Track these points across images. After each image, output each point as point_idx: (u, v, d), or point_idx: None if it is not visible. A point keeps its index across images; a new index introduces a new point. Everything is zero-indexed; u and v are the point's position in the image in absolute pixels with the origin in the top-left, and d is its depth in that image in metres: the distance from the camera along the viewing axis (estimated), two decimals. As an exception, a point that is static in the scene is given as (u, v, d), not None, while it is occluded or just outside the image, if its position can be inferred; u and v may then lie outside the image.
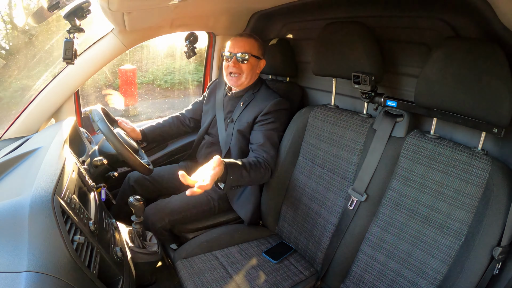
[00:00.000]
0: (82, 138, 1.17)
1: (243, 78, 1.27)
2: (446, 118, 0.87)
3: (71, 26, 1.01)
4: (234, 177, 1.04)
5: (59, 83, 1.26)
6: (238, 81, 1.28)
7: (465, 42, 0.78)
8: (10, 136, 1.21)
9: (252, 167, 1.13)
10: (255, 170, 1.13)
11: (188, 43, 1.61)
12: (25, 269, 0.53)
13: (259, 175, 1.16)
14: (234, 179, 1.04)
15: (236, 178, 1.04)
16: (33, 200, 0.62)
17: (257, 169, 1.15)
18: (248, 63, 1.25)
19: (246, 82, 1.29)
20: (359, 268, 1.01)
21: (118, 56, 1.37)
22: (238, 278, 1.05)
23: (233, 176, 1.03)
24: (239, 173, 1.06)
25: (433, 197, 0.86)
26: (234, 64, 1.25)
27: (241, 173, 1.07)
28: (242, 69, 1.26)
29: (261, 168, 1.17)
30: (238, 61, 1.25)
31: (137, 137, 1.40)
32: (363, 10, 1.16)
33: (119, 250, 0.83)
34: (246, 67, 1.25)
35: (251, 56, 1.25)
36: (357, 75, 1.00)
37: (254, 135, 1.26)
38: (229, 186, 1.04)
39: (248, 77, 1.28)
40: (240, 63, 1.25)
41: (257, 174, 1.14)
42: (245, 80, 1.28)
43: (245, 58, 1.24)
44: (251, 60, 1.25)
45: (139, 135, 1.41)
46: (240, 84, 1.29)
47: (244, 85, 1.31)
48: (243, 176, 1.07)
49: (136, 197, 0.93)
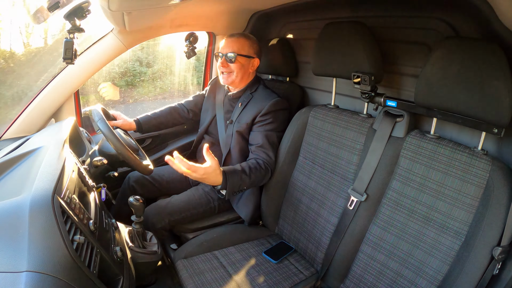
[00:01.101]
0: (82, 138, 1.17)
1: (233, 76, 1.28)
2: (446, 118, 0.87)
3: (71, 26, 1.01)
4: (235, 183, 1.07)
5: (59, 83, 1.26)
6: (228, 78, 1.29)
7: (465, 42, 0.78)
8: (10, 136, 1.21)
9: (252, 170, 1.14)
10: (255, 173, 1.15)
11: (188, 43, 1.61)
12: (25, 269, 0.53)
13: (260, 177, 1.18)
14: (234, 185, 1.08)
15: (236, 183, 1.08)
16: (33, 200, 0.62)
17: (257, 171, 1.16)
18: (237, 62, 1.26)
19: (237, 80, 1.30)
20: (359, 268, 1.01)
21: (118, 56, 1.37)
22: (238, 278, 1.05)
23: (234, 182, 1.07)
24: (239, 177, 1.09)
25: (433, 197, 0.86)
26: (222, 64, 1.28)
27: (241, 177, 1.10)
28: (231, 68, 1.27)
29: (261, 170, 1.18)
30: (227, 61, 1.27)
31: (131, 128, 1.39)
32: (363, 10, 1.16)
33: (119, 250, 0.83)
34: (235, 66, 1.27)
35: (239, 55, 1.26)
36: (357, 75, 1.00)
37: (253, 136, 1.26)
38: (231, 192, 1.08)
39: (239, 76, 1.29)
40: (228, 62, 1.27)
41: (257, 176, 1.16)
42: (236, 78, 1.29)
43: (233, 57, 1.26)
44: (240, 59, 1.26)
45: (133, 126, 1.40)
46: (231, 82, 1.30)
47: (237, 84, 1.32)
48: (243, 180, 1.11)
49: (136, 197, 0.93)
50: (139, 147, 1.24)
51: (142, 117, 1.46)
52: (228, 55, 1.26)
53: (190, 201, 1.30)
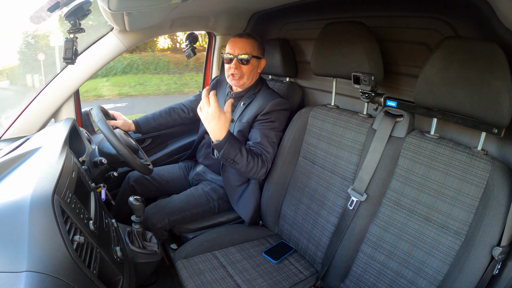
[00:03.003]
0: (82, 138, 1.17)
1: (244, 79, 1.27)
2: (446, 118, 0.87)
3: (71, 26, 1.01)
4: (232, 148, 1.05)
5: (59, 83, 1.26)
6: (240, 81, 1.27)
7: (465, 42, 0.78)
8: (10, 136, 1.21)
9: (251, 153, 1.14)
10: (253, 158, 1.14)
11: (188, 43, 1.61)
12: (25, 269, 0.53)
13: (255, 166, 1.16)
14: (231, 151, 1.06)
15: (233, 151, 1.06)
16: (33, 200, 0.62)
17: (255, 158, 1.15)
18: (250, 64, 1.24)
19: (248, 82, 1.29)
20: (359, 268, 1.01)
21: (118, 56, 1.38)
22: (238, 278, 1.05)
23: (232, 147, 1.05)
24: (238, 148, 1.08)
25: (433, 197, 0.86)
26: (235, 66, 1.23)
27: (240, 149, 1.09)
28: (244, 71, 1.24)
29: (258, 161, 1.16)
30: (239, 63, 1.23)
31: (130, 130, 1.39)
32: (363, 10, 1.16)
33: (119, 250, 0.83)
34: (247, 68, 1.24)
35: (252, 57, 1.24)
36: (357, 75, 1.00)
37: (252, 133, 1.25)
38: (225, 156, 1.06)
39: (250, 78, 1.28)
40: (241, 64, 1.24)
41: (254, 162, 1.14)
42: (246, 80, 1.28)
43: (247, 59, 1.23)
44: (252, 61, 1.25)
45: (132, 127, 1.40)
46: (242, 85, 1.29)
47: (246, 85, 1.31)
48: (241, 153, 1.09)
49: (136, 197, 0.93)
50: (139, 147, 1.24)
51: (141, 118, 1.45)
52: (241, 57, 1.22)
53: (189, 201, 1.30)
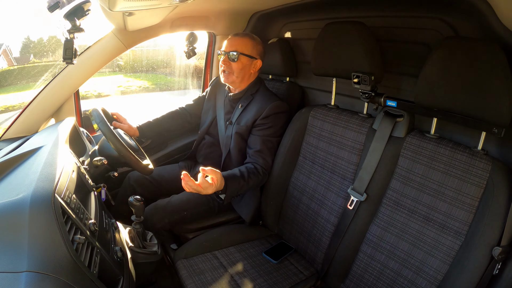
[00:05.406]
0: (82, 138, 1.17)
1: (233, 76, 1.27)
2: (446, 118, 0.87)
3: (71, 26, 1.01)
4: (234, 188, 1.11)
5: (59, 83, 1.26)
6: (229, 78, 1.28)
7: (465, 42, 0.78)
8: (10, 136, 1.21)
9: (250, 175, 1.17)
10: (253, 178, 1.18)
11: (188, 43, 1.61)
12: (25, 269, 0.53)
13: (257, 181, 1.21)
14: (233, 190, 1.11)
15: (235, 188, 1.12)
16: (33, 200, 0.62)
17: (255, 176, 1.19)
18: (239, 62, 1.25)
19: (238, 80, 1.28)
20: (359, 268, 1.01)
21: (118, 56, 1.38)
22: (238, 278, 1.05)
23: (233, 188, 1.10)
24: (238, 183, 1.13)
25: (433, 197, 0.86)
26: (224, 62, 1.26)
27: (239, 183, 1.13)
28: (233, 68, 1.26)
29: (259, 176, 1.21)
30: (229, 60, 1.25)
31: (134, 135, 1.40)
32: (363, 10, 1.16)
33: (119, 250, 0.83)
34: (236, 65, 1.25)
35: (242, 55, 1.24)
36: (357, 75, 1.00)
37: (251, 140, 1.26)
38: (229, 197, 1.12)
39: (240, 76, 1.27)
40: (230, 61, 1.25)
41: (255, 181, 1.20)
42: (236, 78, 1.27)
43: (235, 57, 1.24)
44: (242, 59, 1.25)
45: (136, 133, 1.40)
46: (232, 82, 1.29)
47: (238, 84, 1.31)
48: (241, 185, 1.14)
49: (136, 197, 0.93)
50: (139, 147, 1.24)
51: (145, 124, 1.45)
52: (230, 53, 1.24)
53: (189, 201, 1.30)
